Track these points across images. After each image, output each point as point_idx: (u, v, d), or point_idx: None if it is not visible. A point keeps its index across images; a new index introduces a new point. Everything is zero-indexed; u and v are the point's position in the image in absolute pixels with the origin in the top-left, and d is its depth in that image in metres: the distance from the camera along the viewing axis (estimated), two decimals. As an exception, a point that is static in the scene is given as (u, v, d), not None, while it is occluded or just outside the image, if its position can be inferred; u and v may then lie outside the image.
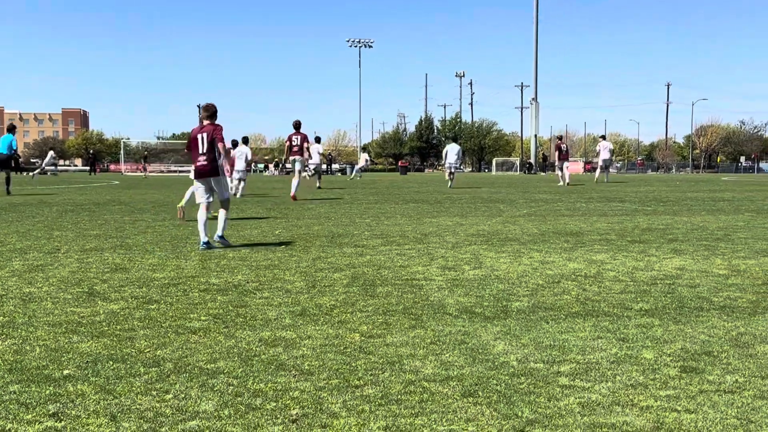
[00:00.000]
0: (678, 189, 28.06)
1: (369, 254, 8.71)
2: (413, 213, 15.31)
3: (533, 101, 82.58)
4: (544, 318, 5.32)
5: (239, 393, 3.68)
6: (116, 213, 15.31)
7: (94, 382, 3.83)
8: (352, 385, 3.81)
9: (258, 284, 6.71)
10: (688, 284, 6.67)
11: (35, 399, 3.58)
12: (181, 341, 4.67)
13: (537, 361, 4.22)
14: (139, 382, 3.85)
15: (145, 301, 5.94)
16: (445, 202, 19.22)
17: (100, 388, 3.74)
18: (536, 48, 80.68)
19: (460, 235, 10.85)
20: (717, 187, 28.99)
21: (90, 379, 3.88)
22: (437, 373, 3.99)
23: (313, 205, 17.88)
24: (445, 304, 5.83)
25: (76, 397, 3.61)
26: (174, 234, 10.98)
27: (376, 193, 25.24)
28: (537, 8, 79.53)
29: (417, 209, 16.48)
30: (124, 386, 3.78)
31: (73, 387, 3.76)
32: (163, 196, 22.39)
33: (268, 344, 4.60)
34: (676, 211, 15.71)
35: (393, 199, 21.11)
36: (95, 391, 3.70)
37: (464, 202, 19.34)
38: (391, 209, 16.51)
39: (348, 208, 17.05)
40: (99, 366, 4.12)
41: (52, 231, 11.37)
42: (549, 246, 9.46)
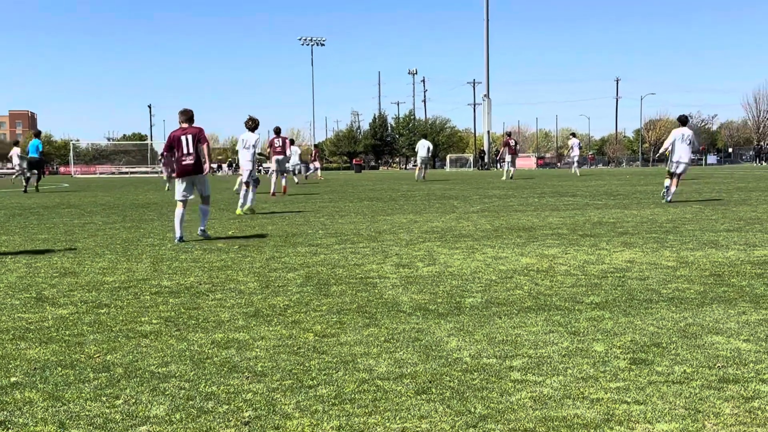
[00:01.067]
0: (628, 182, 28.51)
1: (323, 253, 8.69)
2: (368, 211, 15.31)
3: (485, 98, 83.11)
4: (497, 313, 5.36)
5: (191, 396, 3.64)
6: (65, 216, 15.05)
7: (42, 389, 3.76)
8: (305, 385, 3.79)
9: (211, 286, 6.65)
10: (638, 277, 6.78)
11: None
12: (132, 345, 4.61)
13: (490, 357, 4.25)
14: (89, 387, 3.79)
15: (95, 305, 5.85)
16: (399, 199, 19.26)
17: (49, 395, 3.67)
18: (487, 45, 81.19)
19: (414, 232, 10.89)
20: (666, 181, 29.53)
21: (38, 386, 3.81)
22: (391, 371, 4.00)
23: (267, 205, 17.78)
24: (399, 301, 5.84)
25: (24, 405, 3.54)
26: (125, 236, 10.82)
27: (331, 191, 25.19)
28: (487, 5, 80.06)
29: (371, 207, 16.49)
30: (73, 392, 3.71)
31: (21, 394, 3.68)
32: (113, 198, 22.07)
33: (221, 346, 4.56)
34: (626, 204, 15.95)
35: (348, 197, 21.09)
36: (43, 398, 3.63)
37: (418, 199, 19.41)
38: (345, 207, 16.50)
39: (302, 207, 16.99)
40: (47, 372, 4.05)
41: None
42: (502, 241, 9.54)
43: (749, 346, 4.38)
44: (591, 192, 21.34)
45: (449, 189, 25.07)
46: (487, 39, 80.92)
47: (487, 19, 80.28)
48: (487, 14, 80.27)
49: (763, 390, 3.61)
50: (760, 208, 14.14)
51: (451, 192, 22.82)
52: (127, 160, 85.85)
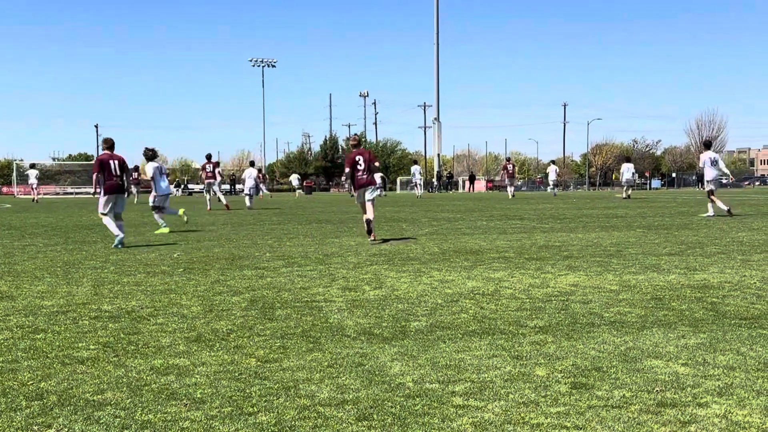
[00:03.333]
0: (574, 206, 28.92)
1: (270, 276, 8.61)
2: (316, 233, 15.25)
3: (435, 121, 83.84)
4: (441, 337, 5.36)
5: (126, 425, 3.55)
6: (5, 238, 14.68)
7: (-30, 419, 3.63)
8: (245, 412, 3.73)
9: (153, 310, 6.53)
10: (581, 300, 6.85)
11: None
12: (68, 372, 4.48)
13: (432, 382, 4.24)
14: (20, 416, 3.67)
15: (31, 330, 5.69)
16: (348, 222, 19.23)
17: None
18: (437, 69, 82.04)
19: (362, 255, 10.87)
20: (611, 204, 30.02)
21: (-34, 416, 3.68)
22: (333, 397, 3.96)
23: (215, 227, 17.60)
24: (344, 325, 5.80)
25: (-51, 436, 3.41)
26: (66, 259, 10.59)
27: (280, 213, 25.05)
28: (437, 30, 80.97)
29: (320, 229, 16.43)
30: (3, 422, 3.59)
31: (-53, 425, 3.55)
32: (56, 220, 21.62)
33: (160, 372, 4.47)
34: (572, 228, 16.17)
35: (297, 219, 21.00)
36: (-29, 428, 3.51)
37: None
38: (294, 230, 16.41)
39: (250, 229, 16.85)
40: (-24, 401, 3.91)
41: (-66, 258, 10.80)
42: (449, 264, 9.57)
43: (687, 370, 4.45)
44: (538, 215, 21.58)
45: (398, 212, 25.13)
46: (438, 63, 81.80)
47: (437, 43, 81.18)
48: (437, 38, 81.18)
49: (700, 414, 3.66)
50: (701, 232, 14.46)
51: (400, 215, 22.88)
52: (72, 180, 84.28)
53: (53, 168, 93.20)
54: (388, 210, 26.75)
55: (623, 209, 24.93)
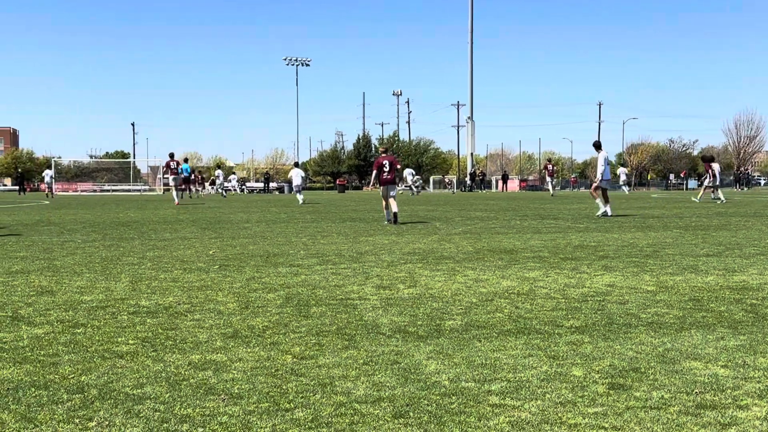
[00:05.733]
0: (610, 206, 28.65)
1: (304, 274, 8.66)
2: (350, 231, 15.29)
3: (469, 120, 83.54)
4: (476, 336, 5.35)
5: (165, 419, 3.59)
6: (45, 234, 14.92)
7: (15, 410, 3.70)
8: (282, 408, 3.76)
9: (189, 306, 6.60)
10: (618, 301, 6.79)
11: (-50, 430, 3.44)
12: (107, 366, 4.55)
13: (468, 380, 4.23)
14: (62, 409, 3.73)
15: (71, 324, 5.78)
16: (381, 220, 19.25)
17: (21, 416, 3.61)
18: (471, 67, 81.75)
19: (395, 253, 10.87)
20: (647, 204, 29.71)
21: (10, 407, 3.75)
22: (369, 395, 3.97)
23: (249, 225, 17.73)
24: (379, 323, 5.82)
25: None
26: (104, 255, 10.74)
27: (314, 211, 25.16)
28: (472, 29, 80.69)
29: (354, 228, 16.47)
30: (45, 414, 3.66)
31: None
32: (94, 216, 21.93)
33: (198, 368, 4.51)
34: (608, 228, 16.02)
35: (330, 217, 21.07)
36: (15, 419, 3.58)
37: (400, 220, 19.40)
38: (327, 228, 16.47)
39: (284, 227, 16.95)
40: (20, 393, 3.98)
41: (-24, 253, 11.01)
42: (483, 264, 9.54)
43: (727, 372, 4.39)
44: (573, 215, 21.43)
45: (432, 210, 25.10)
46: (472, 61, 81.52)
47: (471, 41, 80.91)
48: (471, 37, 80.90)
49: (740, 416, 3.61)
50: (740, 233, 14.25)
51: (434, 213, 22.85)
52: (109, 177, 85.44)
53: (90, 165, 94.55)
54: (422, 209, 26.73)
55: (659, 209, 24.66)
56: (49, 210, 26.70)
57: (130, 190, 74.06)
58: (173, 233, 15.00)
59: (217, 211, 25.17)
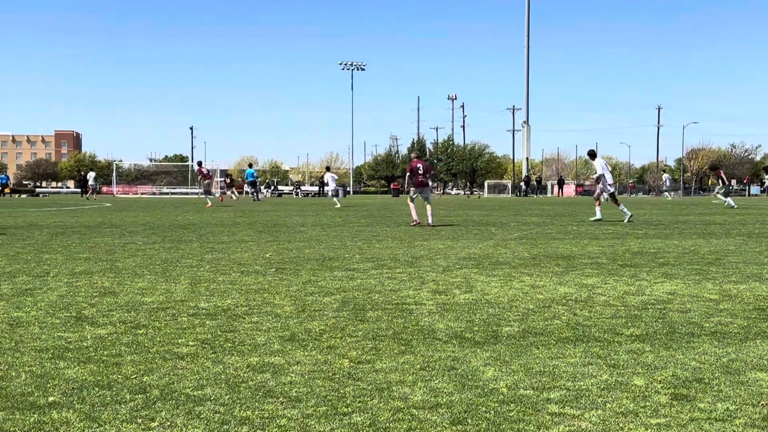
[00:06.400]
0: (669, 212, 28.13)
1: (360, 278, 8.68)
2: (405, 236, 15.29)
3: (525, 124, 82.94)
4: (534, 343, 5.29)
5: (225, 420, 3.63)
6: (107, 236, 15.25)
7: (79, 410, 3.78)
8: (339, 412, 3.77)
9: (247, 308, 6.67)
10: (679, 309, 6.65)
11: (19, 427, 3.53)
12: (169, 367, 4.62)
13: (527, 388, 4.19)
14: (125, 409, 3.80)
15: (133, 325, 5.89)
16: (436, 224, 19.21)
17: (85, 416, 3.69)
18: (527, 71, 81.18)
19: (451, 258, 10.84)
20: (708, 211, 29.08)
21: (75, 406, 3.83)
22: (426, 400, 3.95)
23: (305, 228, 17.86)
24: (435, 329, 5.80)
25: (61, 425, 3.56)
26: (164, 257, 10.93)
27: (368, 215, 25.22)
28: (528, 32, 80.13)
29: (408, 232, 16.46)
30: (109, 413, 3.73)
31: (58, 414, 3.71)
32: (153, 219, 22.33)
33: (256, 370, 4.56)
34: (668, 234, 15.73)
35: (385, 221, 21.09)
36: (80, 418, 3.66)
37: (456, 225, 19.34)
38: (382, 232, 16.50)
39: (339, 231, 17.03)
40: (84, 392, 4.07)
41: (42, 254, 11.31)
42: (540, 270, 9.45)
43: (795, 384, 4.26)
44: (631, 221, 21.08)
45: (487, 215, 24.96)
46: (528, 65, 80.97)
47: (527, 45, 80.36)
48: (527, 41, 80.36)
49: (810, 430, 3.50)
50: (806, 240, 13.84)
51: (489, 218, 22.71)
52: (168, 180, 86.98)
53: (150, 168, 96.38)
54: (476, 213, 26.60)
55: (721, 216, 24.11)
56: (110, 212, 27.29)
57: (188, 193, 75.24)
58: (230, 236, 15.19)
59: (273, 215, 25.41)
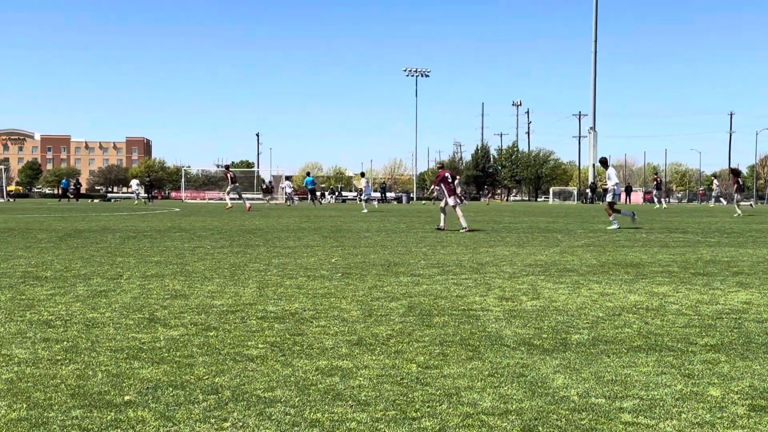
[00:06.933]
0: (742, 220, 27.37)
1: (425, 283, 8.67)
2: (470, 242, 15.22)
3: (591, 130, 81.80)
4: (604, 351, 5.21)
5: (296, 422, 3.67)
6: (176, 240, 15.57)
7: (155, 409, 3.87)
8: (409, 417, 3.77)
9: (314, 312, 6.73)
10: (756, 319, 6.47)
11: (97, 424, 3.63)
12: (239, 369, 4.69)
13: (598, 396, 4.12)
14: (198, 409, 3.87)
15: (204, 327, 6.00)
16: (501, 231, 19.08)
17: (160, 415, 3.77)
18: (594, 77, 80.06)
19: (517, 265, 10.74)
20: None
21: (150, 406, 3.92)
22: (496, 407, 3.93)
23: (369, 234, 17.93)
24: (502, 335, 5.75)
25: (137, 423, 3.64)
26: (232, 261, 11.10)
27: (432, 222, 25.18)
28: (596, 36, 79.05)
29: (473, 238, 16.38)
30: (183, 413, 3.81)
31: (134, 413, 3.80)
32: (221, 224, 22.71)
33: (325, 373, 4.59)
34: (741, 242, 15.31)
35: (449, 227, 21.03)
36: (155, 417, 3.74)
37: (521, 231, 19.17)
38: (447, 238, 16.45)
39: (404, 236, 17.04)
40: (159, 392, 4.16)
41: (115, 257, 11.61)
42: (609, 277, 9.29)
43: None
44: (702, 228, 20.59)
45: (552, 222, 24.67)
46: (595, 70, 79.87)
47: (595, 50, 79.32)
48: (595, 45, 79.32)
49: None
50: None
51: (555, 225, 22.45)
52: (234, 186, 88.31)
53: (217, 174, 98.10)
54: (542, 220, 26.32)
55: (797, 224, 23.34)
56: (179, 217, 27.85)
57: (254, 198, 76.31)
58: (296, 241, 15.35)
59: (338, 220, 25.58)
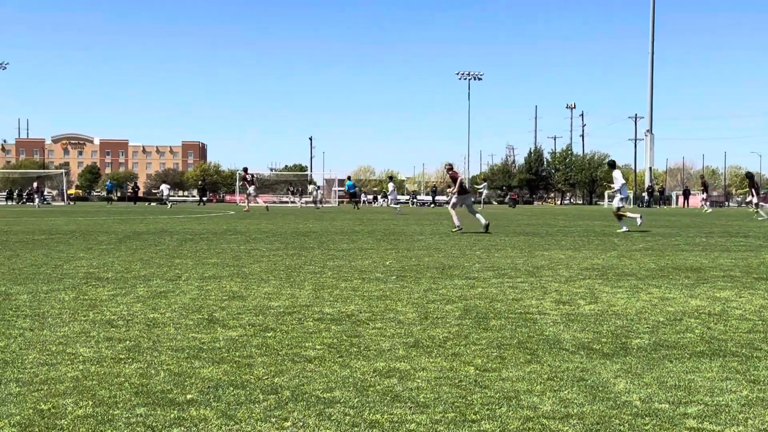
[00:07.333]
0: (806, 224, 26.61)
1: (480, 286, 8.63)
2: (524, 245, 15.10)
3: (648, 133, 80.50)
4: (666, 356, 5.12)
5: (356, 423, 3.68)
6: (233, 242, 15.76)
7: (216, 408, 3.92)
8: (468, 419, 3.75)
9: (370, 314, 6.74)
10: (823, 325, 6.28)
11: (160, 422, 3.69)
12: (298, 369, 4.73)
13: (662, 402, 4.05)
14: (259, 408, 3.91)
15: (261, 328, 6.06)
16: (556, 234, 18.88)
17: (222, 414, 3.82)
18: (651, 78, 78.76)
19: (573, 268, 10.62)
20: None
21: (212, 404, 3.98)
22: (556, 410, 3.89)
23: (423, 237, 17.91)
24: (561, 339, 5.69)
25: (200, 422, 3.70)
26: (288, 263, 11.20)
27: (486, 225, 25.03)
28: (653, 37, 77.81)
29: (528, 242, 16.25)
30: (244, 412, 3.85)
31: (196, 411, 3.86)
32: (275, 226, 22.93)
33: (383, 375, 4.60)
34: (805, 247, 14.89)
35: (503, 231, 20.90)
36: (217, 416, 3.79)
37: (576, 235, 18.95)
38: (501, 242, 16.35)
39: (457, 239, 16.98)
40: (220, 391, 4.22)
41: (173, 259, 11.80)
42: (668, 282, 9.13)
43: None
44: (765, 233, 20.10)
45: (608, 226, 24.33)
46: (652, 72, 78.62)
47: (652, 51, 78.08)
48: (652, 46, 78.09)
49: None
50: None
51: (611, 229, 22.13)
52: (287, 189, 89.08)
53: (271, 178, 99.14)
54: (598, 224, 25.98)
55: None
56: (234, 220, 28.19)
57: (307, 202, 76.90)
58: (350, 244, 15.41)
59: (391, 223, 25.61)
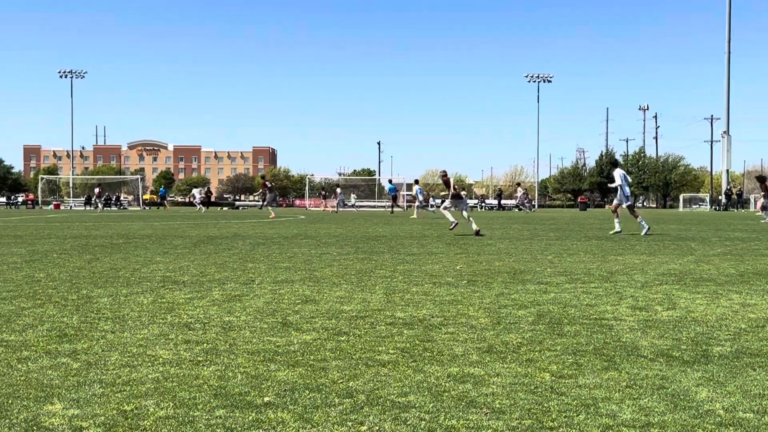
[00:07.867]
0: None
1: (553, 292, 8.52)
2: (597, 250, 14.85)
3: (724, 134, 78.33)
4: (750, 364, 4.96)
5: (432, 428, 3.67)
6: (304, 246, 15.93)
7: (293, 410, 3.97)
8: (546, 426, 3.70)
9: (442, 319, 6.73)
10: None
11: (239, 424, 3.75)
12: (372, 373, 4.75)
13: (746, 411, 3.93)
14: (335, 412, 3.94)
15: (335, 332, 6.11)
16: (630, 239, 18.52)
17: (299, 416, 3.86)
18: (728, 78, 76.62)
19: (649, 273, 10.40)
20: None
21: (289, 407, 4.02)
22: (636, 419, 3.81)
23: (492, 241, 17.79)
24: (638, 345, 5.58)
25: (277, 424, 3.74)
26: (359, 267, 11.26)
27: (557, 229, 24.74)
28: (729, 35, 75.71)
29: (600, 246, 15.98)
30: (321, 415, 3.88)
31: (274, 414, 3.91)
32: (345, 231, 23.07)
33: (457, 380, 4.58)
34: None
35: (574, 235, 20.60)
36: (294, 418, 3.83)
37: (651, 239, 18.56)
38: (573, 246, 16.11)
39: (528, 244, 16.82)
40: (296, 394, 4.26)
41: (246, 263, 11.99)
42: (750, 288, 8.86)
43: None
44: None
45: (684, 230, 23.76)
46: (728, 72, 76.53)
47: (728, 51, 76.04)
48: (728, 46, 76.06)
49: None
50: None
51: (688, 233, 21.61)
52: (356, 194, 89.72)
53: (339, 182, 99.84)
54: (674, 228, 25.40)
55: None
56: (304, 224, 28.50)
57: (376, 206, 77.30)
58: (420, 248, 15.41)
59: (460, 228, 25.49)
